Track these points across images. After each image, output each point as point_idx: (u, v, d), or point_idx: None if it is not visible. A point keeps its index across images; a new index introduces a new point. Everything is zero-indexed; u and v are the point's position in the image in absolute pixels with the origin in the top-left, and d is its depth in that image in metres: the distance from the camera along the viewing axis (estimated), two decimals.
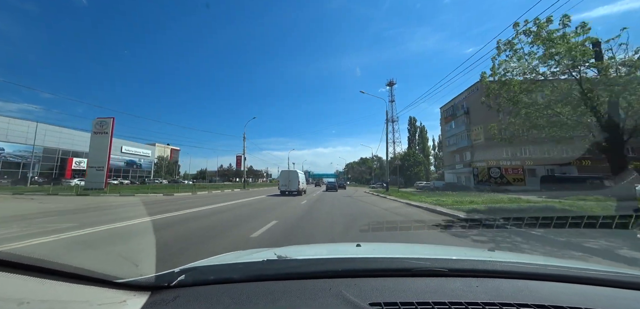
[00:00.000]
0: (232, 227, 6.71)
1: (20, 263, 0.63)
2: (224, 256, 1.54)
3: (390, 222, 7.10)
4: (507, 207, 10.13)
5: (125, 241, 5.08)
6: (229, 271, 1.13)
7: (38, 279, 0.64)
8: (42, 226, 6.35)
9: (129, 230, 6.16)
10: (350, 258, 1.26)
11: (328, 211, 10.34)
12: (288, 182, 23.26)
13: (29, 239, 5.06)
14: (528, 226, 5.63)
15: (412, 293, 0.89)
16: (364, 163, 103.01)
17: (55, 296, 0.64)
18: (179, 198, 18.54)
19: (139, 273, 0.95)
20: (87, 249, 4.52)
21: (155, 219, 7.86)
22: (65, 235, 5.44)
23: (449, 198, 14.23)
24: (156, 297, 0.87)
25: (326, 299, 0.84)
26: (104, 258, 4.06)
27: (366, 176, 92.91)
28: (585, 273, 1.02)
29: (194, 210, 10.57)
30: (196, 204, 13.58)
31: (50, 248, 4.52)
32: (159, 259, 3.84)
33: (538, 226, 5.50)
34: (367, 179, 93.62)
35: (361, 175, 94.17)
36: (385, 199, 18.28)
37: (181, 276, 0.98)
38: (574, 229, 5.13)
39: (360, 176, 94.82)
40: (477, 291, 0.91)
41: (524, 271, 1.04)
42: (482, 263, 1.12)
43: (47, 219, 7.66)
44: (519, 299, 0.83)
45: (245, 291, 0.91)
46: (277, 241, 5.35)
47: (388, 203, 14.44)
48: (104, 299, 0.74)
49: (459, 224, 6.87)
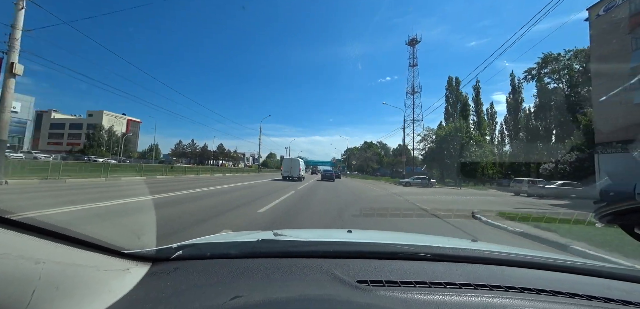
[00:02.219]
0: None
1: (38, 226, 0.67)
2: (219, 235, 1.78)
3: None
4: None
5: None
6: (225, 247, 1.20)
7: (53, 243, 0.68)
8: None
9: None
10: (341, 241, 1.35)
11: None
12: (290, 169, 27.33)
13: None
14: None
15: (397, 273, 0.94)
16: (369, 148, 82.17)
17: (69, 260, 0.69)
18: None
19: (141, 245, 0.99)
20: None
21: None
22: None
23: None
24: (157, 267, 0.93)
25: (316, 276, 0.91)
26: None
27: (373, 165, 72.63)
28: (554, 262, 1.12)
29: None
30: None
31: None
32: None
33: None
34: (374, 168, 73.41)
35: (366, 163, 73.24)
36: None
37: (179, 251, 1.02)
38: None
39: (365, 165, 73.85)
40: (456, 273, 0.97)
41: (500, 258, 1.12)
42: (463, 250, 1.18)
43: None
44: (492, 282, 0.90)
45: (241, 265, 0.96)
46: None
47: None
48: (110, 266, 0.80)
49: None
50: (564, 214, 8.03)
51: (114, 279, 0.78)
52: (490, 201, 14.80)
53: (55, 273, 0.63)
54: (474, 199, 15.25)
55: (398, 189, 22.27)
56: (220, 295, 0.76)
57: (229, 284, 0.84)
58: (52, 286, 0.61)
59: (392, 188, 22.80)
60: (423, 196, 14.70)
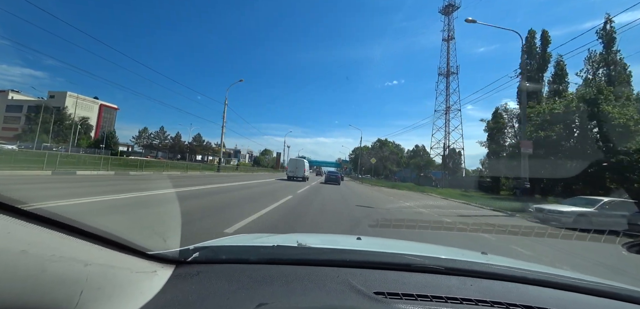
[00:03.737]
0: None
1: (80, 228, 0.67)
2: (234, 238, 1.78)
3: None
4: None
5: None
6: (244, 252, 1.20)
7: (92, 244, 0.68)
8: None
9: None
10: (356, 249, 1.31)
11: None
12: (295, 169, 26.81)
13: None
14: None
15: (413, 286, 0.93)
16: (383, 146, 68.33)
17: (108, 261, 0.70)
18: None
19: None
20: None
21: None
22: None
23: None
24: (180, 270, 0.93)
25: (334, 286, 0.90)
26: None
27: (391, 166, 58.77)
28: (570, 281, 1.07)
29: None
30: None
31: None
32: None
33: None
34: (392, 171, 59.71)
35: (382, 164, 59.21)
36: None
37: (196, 253, 1.02)
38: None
39: (381, 166, 59.80)
40: (471, 289, 0.96)
41: (515, 275, 1.08)
42: (477, 264, 1.16)
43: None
44: (508, 299, 0.89)
45: (260, 272, 0.97)
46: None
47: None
48: (140, 267, 0.81)
49: None
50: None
51: (144, 281, 0.80)
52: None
53: (98, 275, 0.65)
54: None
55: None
56: (245, 302, 0.78)
57: (251, 291, 0.85)
58: (95, 287, 0.63)
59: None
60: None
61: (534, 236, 6.35)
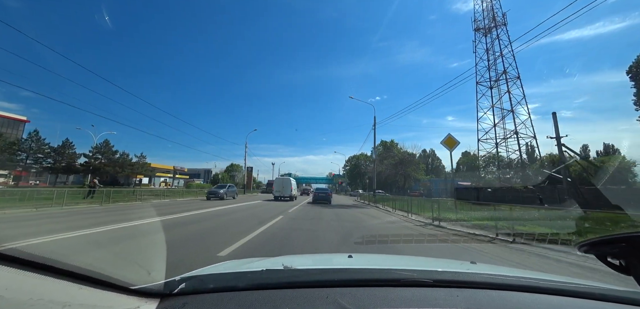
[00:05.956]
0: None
1: (57, 267, 0.65)
2: (221, 265, 1.61)
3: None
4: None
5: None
6: (230, 279, 1.14)
7: (70, 282, 0.67)
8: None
9: None
10: (344, 268, 1.32)
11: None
12: (281, 189, 25.63)
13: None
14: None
15: (401, 301, 0.93)
16: (388, 151, 55.63)
17: (88, 300, 0.68)
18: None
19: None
20: None
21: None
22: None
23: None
24: (166, 304, 0.90)
25: (324, 307, 0.89)
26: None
27: (417, 175, 45.22)
28: (553, 285, 1.10)
29: None
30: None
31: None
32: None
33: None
34: (401, 186, 46.98)
35: (397, 173, 45.85)
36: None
37: (182, 284, 0.99)
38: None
39: (393, 175, 46.49)
40: (458, 300, 0.96)
41: (500, 282, 1.10)
42: (463, 274, 1.17)
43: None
44: (493, 307, 0.92)
45: (248, 298, 0.94)
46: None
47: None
48: (122, 304, 0.78)
49: None
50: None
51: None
52: None
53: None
54: None
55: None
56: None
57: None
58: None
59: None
60: None
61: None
